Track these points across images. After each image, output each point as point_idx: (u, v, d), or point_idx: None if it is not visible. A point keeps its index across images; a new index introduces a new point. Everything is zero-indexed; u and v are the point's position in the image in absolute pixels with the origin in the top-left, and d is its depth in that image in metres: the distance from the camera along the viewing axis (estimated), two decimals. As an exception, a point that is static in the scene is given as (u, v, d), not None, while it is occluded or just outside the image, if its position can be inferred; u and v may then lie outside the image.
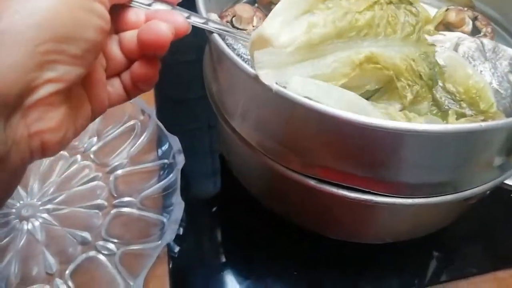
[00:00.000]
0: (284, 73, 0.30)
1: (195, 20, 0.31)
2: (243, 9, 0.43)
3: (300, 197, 0.37)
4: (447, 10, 0.45)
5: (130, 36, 0.28)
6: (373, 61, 0.31)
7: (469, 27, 0.44)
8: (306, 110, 0.28)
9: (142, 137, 0.52)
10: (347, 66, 0.31)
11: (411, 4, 0.35)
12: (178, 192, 0.45)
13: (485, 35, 0.43)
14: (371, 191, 0.32)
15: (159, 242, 0.42)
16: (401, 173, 0.31)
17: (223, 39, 0.39)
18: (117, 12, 0.28)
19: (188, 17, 0.30)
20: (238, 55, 0.39)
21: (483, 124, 0.25)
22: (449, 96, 0.35)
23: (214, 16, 0.41)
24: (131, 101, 0.52)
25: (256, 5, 0.49)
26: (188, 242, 0.46)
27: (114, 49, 0.28)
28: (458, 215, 0.40)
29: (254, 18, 0.44)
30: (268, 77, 0.29)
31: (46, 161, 0.51)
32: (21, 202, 0.47)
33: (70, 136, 0.25)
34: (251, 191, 0.44)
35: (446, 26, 0.45)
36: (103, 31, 0.24)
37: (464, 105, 0.34)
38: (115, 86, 0.29)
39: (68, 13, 0.22)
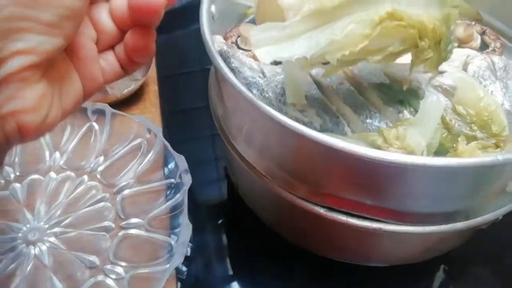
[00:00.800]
0: (288, 48, 0.27)
1: None
2: (248, 30, 0.43)
3: (308, 223, 0.36)
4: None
5: (121, 3, 0.25)
6: (397, 18, 0.27)
7: (477, 42, 0.43)
8: (311, 142, 0.27)
9: (149, 156, 0.52)
10: (366, 26, 0.27)
11: None
12: (185, 213, 0.45)
13: (494, 50, 0.43)
14: (381, 219, 0.31)
15: (168, 265, 0.42)
16: (410, 203, 0.30)
17: (228, 63, 0.39)
18: None
19: None
20: (244, 78, 0.39)
21: (500, 157, 0.24)
22: (459, 119, 0.34)
23: (219, 38, 0.41)
24: (136, 119, 0.54)
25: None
26: (195, 262, 0.46)
27: (104, 19, 0.25)
28: (469, 238, 0.39)
29: (259, 38, 0.44)
30: (268, 56, 0.27)
31: (52, 182, 0.52)
32: (28, 225, 0.47)
33: (56, 118, 0.22)
34: (257, 213, 0.44)
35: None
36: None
37: (475, 127, 0.34)
38: (109, 61, 0.26)
39: None
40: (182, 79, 0.68)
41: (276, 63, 0.43)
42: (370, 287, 0.44)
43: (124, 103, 0.62)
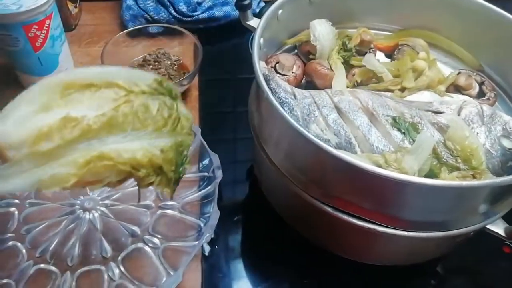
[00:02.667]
0: (11, 185, 0.31)
1: None
2: (286, 58, 0.52)
3: (317, 220, 0.45)
4: (458, 73, 0.53)
5: None
6: (106, 158, 0.33)
7: (475, 90, 0.52)
8: (326, 154, 0.36)
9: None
10: (73, 167, 0.32)
11: (172, 97, 0.38)
12: (215, 202, 0.53)
13: (488, 99, 0.51)
14: (376, 222, 0.40)
15: (196, 242, 0.51)
16: (401, 211, 0.39)
17: (268, 84, 0.48)
18: None
19: None
20: (278, 98, 0.48)
21: (464, 183, 0.33)
22: (448, 151, 0.43)
23: (263, 64, 0.51)
24: None
25: (295, 51, 0.58)
26: (218, 245, 0.55)
27: None
28: (448, 250, 0.47)
29: (294, 66, 0.53)
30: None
31: None
32: (85, 196, 0.57)
33: None
34: (275, 209, 0.53)
35: (456, 87, 0.52)
36: None
37: (459, 160, 0.42)
38: None
39: None
40: (219, 86, 0.78)
41: (305, 87, 0.52)
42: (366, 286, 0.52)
43: (169, 103, 0.72)
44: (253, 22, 0.50)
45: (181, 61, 0.74)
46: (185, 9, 0.80)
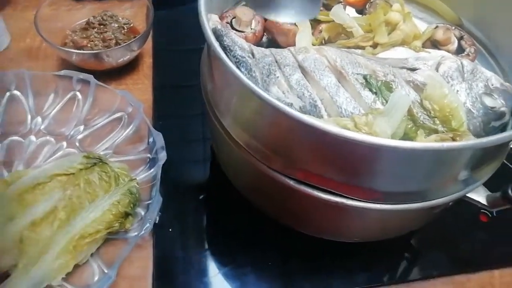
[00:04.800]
0: None
1: None
2: (243, 12, 0.45)
3: (279, 195, 0.39)
4: (436, 27, 0.48)
5: None
6: (85, 235, 0.43)
7: (454, 45, 0.47)
8: (289, 119, 0.30)
9: (128, 130, 0.55)
10: (68, 255, 0.42)
11: (102, 161, 0.47)
12: (157, 187, 0.47)
13: (468, 55, 0.46)
14: (344, 195, 0.35)
15: (136, 233, 0.45)
16: (373, 181, 0.34)
17: (220, 41, 0.41)
18: None
19: None
20: (234, 56, 0.42)
21: (445, 145, 0.28)
22: (425, 112, 0.38)
23: (215, 17, 0.44)
24: (120, 93, 0.56)
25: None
26: (173, 228, 0.49)
27: None
28: (424, 222, 0.43)
29: (253, 21, 0.46)
30: None
31: (32, 146, 0.54)
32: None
33: None
34: (235, 184, 0.47)
35: (433, 43, 0.47)
36: None
37: (437, 122, 0.37)
38: None
39: None
40: (178, 56, 0.70)
41: (266, 46, 0.46)
42: (335, 263, 0.47)
43: (118, 72, 0.64)
44: (201, -33, 0.42)
45: (131, 25, 0.66)
46: (135, -34, 0.71)
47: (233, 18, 0.46)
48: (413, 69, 0.42)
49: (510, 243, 0.50)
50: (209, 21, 0.42)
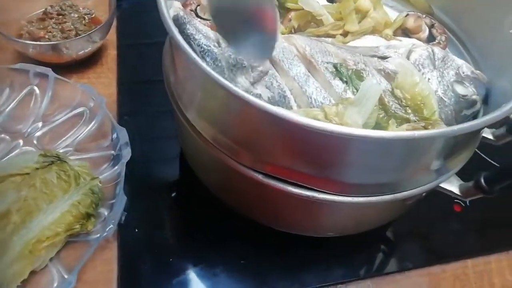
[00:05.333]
0: None
1: None
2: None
3: (248, 190, 0.38)
4: (406, 15, 0.47)
5: None
6: (42, 239, 0.40)
7: (425, 34, 0.46)
8: (256, 110, 0.28)
9: (90, 126, 0.51)
10: (24, 260, 0.40)
11: (60, 159, 0.44)
12: (121, 185, 0.45)
13: (439, 43, 0.45)
14: (315, 188, 0.33)
15: (98, 235, 0.43)
16: (343, 173, 0.32)
17: (183, 29, 0.39)
18: None
19: None
20: (198, 45, 0.39)
21: (416, 133, 0.27)
22: (396, 101, 0.36)
23: (177, 4, 0.41)
24: (81, 87, 0.52)
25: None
26: (139, 228, 0.47)
27: None
28: (398, 214, 0.42)
29: (218, 8, 0.44)
30: None
31: None
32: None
33: None
34: (204, 181, 0.45)
35: (404, 31, 0.46)
36: None
37: (409, 111, 0.36)
38: None
39: None
40: (145, 48, 0.67)
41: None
42: (309, 259, 0.46)
43: (80, 65, 0.60)
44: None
45: (93, 15, 0.63)
46: (96, -47, 0.67)
47: (197, 6, 0.44)
48: (384, 58, 0.40)
49: (482, 232, 0.50)
50: (171, 8, 0.39)
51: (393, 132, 0.29)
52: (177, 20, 0.39)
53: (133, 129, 0.49)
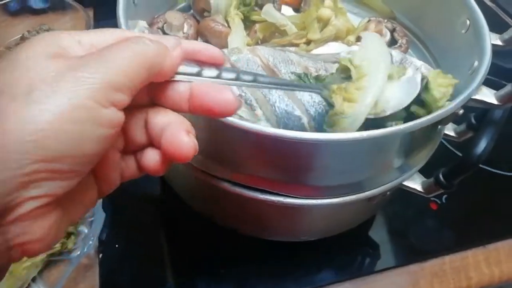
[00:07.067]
0: None
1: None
2: (174, 17, 0.45)
3: (218, 199, 0.38)
4: (368, 21, 0.48)
5: (159, 124, 0.23)
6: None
7: (386, 38, 0.47)
8: (217, 123, 0.30)
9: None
10: None
11: None
12: (100, 202, 0.45)
13: (400, 46, 0.47)
14: (280, 193, 0.34)
15: (79, 253, 0.43)
16: (305, 176, 0.33)
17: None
18: (156, 86, 0.23)
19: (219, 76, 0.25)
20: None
21: (365, 134, 0.28)
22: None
23: (142, 23, 0.43)
24: None
25: (191, 11, 0.51)
26: (119, 243, 0.47)
27: (138, 132, 0.24)
28: (367, 215, 0.43)
29: (185, 25, 0.46)
30: None
31: None
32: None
33: (61, 234, 0.21)
34: (180, 195, 0.46)
35: (366, 37, 0.47)
36: (109, 139, 0.20)
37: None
38: (128, 163, 0.25)
39: (70, 127, 0.18)
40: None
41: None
42: (287, 265, 0.47)
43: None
44: (123, -28, 0.41)
45: (71, 38, 0.64)
46: (72, -23, 0.69)
47: (164, 23, 0.45)
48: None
49: (458, 228, 0.51)
50: (135, 28, 0.41)
51: (343, 134, 0.29)
52: (142, 39, 0.40)
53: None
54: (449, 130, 0.41)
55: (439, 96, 0.32)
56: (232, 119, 0.29)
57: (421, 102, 0.33)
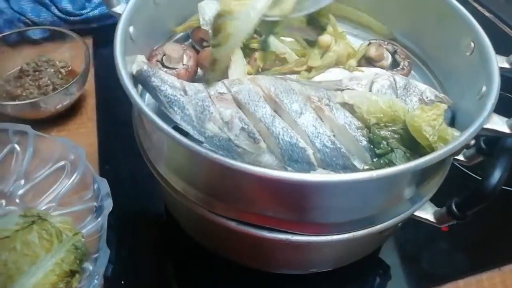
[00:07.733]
0: None
1: None
2: (172, 49, 0.44)
3: (225, 236, 0.38)
4: (369, 44, 0.48)
5: None
6: None
7: (388, 61, 0.47)
8: (209, 161, 0.29)
9: (72, 178, 0.51)
10: None
11: (40, 217, 0.44)
12: (104, 238, 0.44)
13: (402, 69, 0.46)
14: (289, 231, 0.33)
15: None
16: (314, 215, 0.32)
17: (148, 82, 0.40)
18: None
19: None
20: (165, 96, 0.40)
21: (374, 173, 0.27)
22: (378, 129, 0.36)
23: (141, 58, 0.42)
24: (59, 140, 0.52)
25: (189, 40, 0.50)
26: (125, 279, 0.46)
27: None
28: (377, 245, 0.42)
29: (184, 56, 0.45)
30: None
31: None
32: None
33: None
34: (184, 228, 0.45)
35: (368, 60, 0.47)
36: None
37: (389, 124, 0.36)
38: None
39: None
40: (123, 94, 0.67)
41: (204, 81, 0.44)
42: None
43: (60, 117, 0.61)
44: (119, 8, 0.41)
45: (70, 68, 0.64)
46: (70, 7, 0.69)
47: (163, 56, 0.45)
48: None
49: (471, 250, 0.50)
50: (134, 63, 0.40)
51: (351, 174, 0.29)
52: (141, 75, 0.40)
53: (115, 176, 0.49)
54: (459, 155, 0.40)
55: (431, 132, 0.32)
56: (235, 162, 0.28)
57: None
